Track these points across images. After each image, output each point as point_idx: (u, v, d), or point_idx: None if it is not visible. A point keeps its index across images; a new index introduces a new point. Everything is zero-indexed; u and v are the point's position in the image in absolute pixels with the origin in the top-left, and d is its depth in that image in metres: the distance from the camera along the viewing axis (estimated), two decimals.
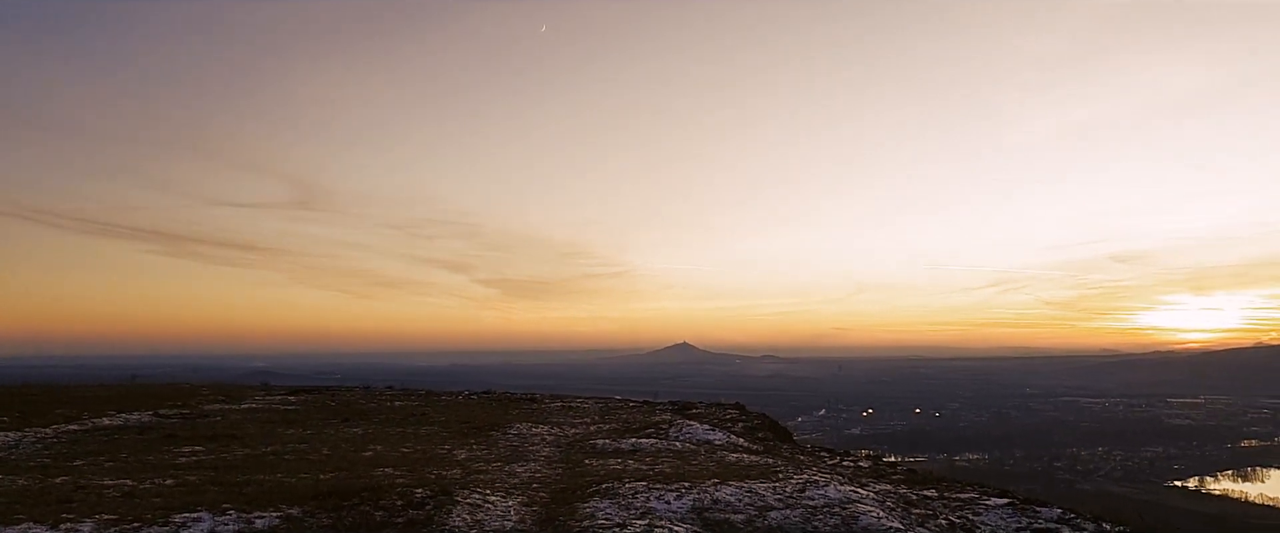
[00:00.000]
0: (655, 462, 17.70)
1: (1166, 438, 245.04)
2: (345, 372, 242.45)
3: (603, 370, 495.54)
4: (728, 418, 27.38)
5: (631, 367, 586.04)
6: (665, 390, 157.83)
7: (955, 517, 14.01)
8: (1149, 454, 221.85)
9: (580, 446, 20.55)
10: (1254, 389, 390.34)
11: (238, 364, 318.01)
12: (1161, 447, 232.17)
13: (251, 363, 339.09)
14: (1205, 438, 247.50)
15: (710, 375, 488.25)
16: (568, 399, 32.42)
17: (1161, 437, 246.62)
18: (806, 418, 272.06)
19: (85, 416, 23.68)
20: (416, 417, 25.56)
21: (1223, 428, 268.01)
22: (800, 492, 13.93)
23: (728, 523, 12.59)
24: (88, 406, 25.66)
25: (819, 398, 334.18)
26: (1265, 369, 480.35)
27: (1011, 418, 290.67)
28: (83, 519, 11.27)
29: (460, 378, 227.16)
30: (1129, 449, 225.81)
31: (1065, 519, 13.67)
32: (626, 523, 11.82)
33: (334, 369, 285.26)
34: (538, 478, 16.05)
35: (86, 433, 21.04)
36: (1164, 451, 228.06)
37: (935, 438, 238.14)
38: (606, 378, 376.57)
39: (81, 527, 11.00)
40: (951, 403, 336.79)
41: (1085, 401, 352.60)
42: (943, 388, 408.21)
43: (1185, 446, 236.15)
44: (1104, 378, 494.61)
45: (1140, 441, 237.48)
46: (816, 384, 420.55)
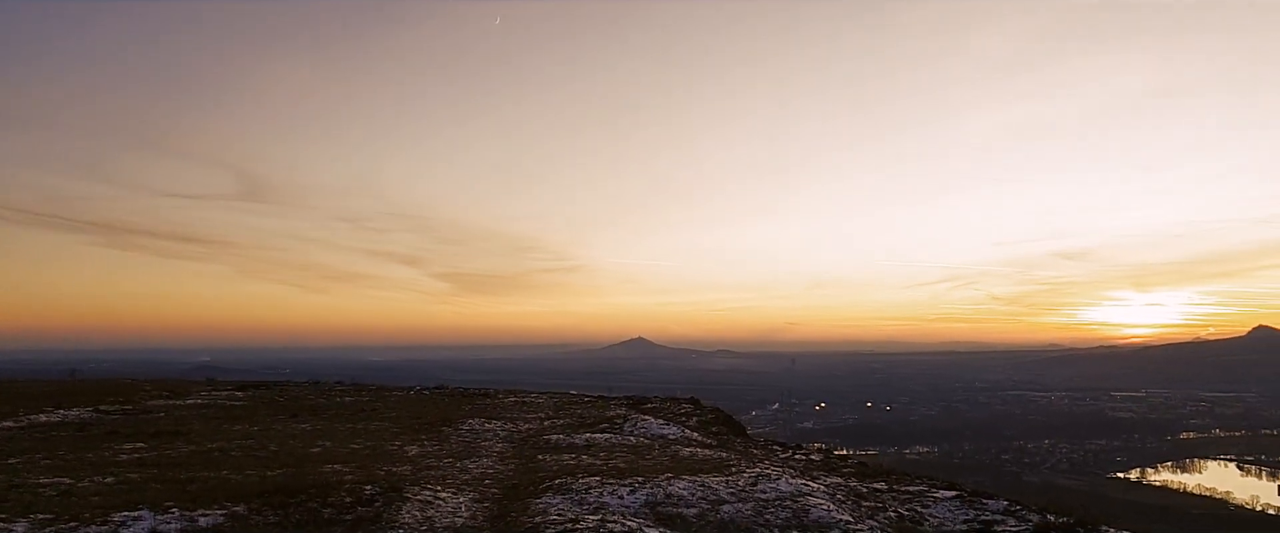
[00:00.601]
0: (609, 457, 17.68)
1: (1110, 431, 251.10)
2: (294, 367, 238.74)
3: (558, 366, 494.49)
4: (682, 412, 27.47)
5: (587, 362, 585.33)
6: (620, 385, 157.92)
7: (904, 509, 14.18)
8: (1093, 447, 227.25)
9: (534, 441, 20.46)
10: (1192, 383, 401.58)
11: (183, 359, 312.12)
12: (1105, 439, 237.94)
13: (197, 358, 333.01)
14: (1146, 431, 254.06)
15: (666, 370, 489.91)
16: (522, 394, 32.28)
17: (1105, 430, 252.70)
18: (761, 412, 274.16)
19: (21, 412, 23.02)
20: (367, 412, 25.27)
21: (1163, 421, 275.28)
22: (752, 486, 14.00)
23: (680, 517, 12.61)
24: (24, 402, 24.97)
25: (773, 392, 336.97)
26: (1203, 364, 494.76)
27: (961, 412, 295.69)
28: (16, 519, 10.93)
29: (412, 373, 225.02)
30: (1074, 442, 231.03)
31: (1011, 511, 13.89)
32: (579, 519, 11.78)
33: (283, 364, 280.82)
34: (490, 474, 15.93)
35: (23, 430, 20.46)
36: (1107, 443, 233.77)
37: (886, 431, 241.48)
38: (561, 373, 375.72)
39: (15, 527, 10.67)
40: (902, 397, 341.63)
41: (1032, 394, 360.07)
42: (894, 382, 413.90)
43: (1127, 438, 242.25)
44: (1050, 373, 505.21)
45: (1084, 433, 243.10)
46: (771, 379, 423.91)
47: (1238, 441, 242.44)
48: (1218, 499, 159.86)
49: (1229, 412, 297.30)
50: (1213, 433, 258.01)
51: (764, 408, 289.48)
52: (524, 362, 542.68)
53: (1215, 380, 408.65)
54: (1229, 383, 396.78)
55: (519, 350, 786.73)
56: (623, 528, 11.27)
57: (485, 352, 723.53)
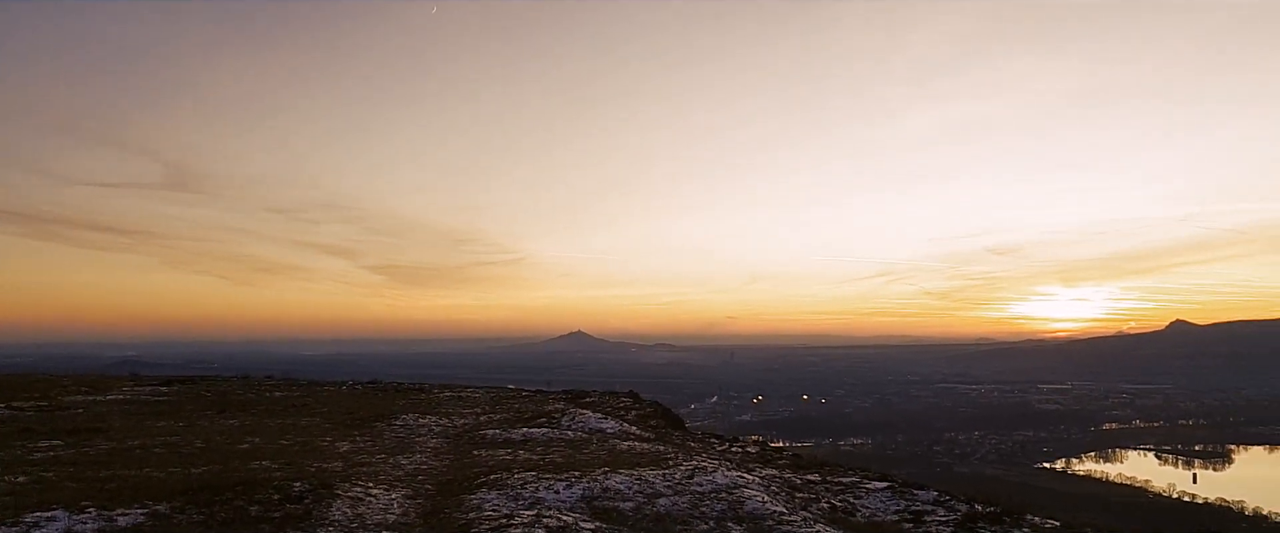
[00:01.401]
0: (546, 451, 17.57)
1: (1036, 422, 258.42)
2: (222, 361, 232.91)
3: (495, 360, 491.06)
4: (621, 406, 27.46)
5: (525, 356, 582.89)
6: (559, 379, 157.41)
7: (837, 500, 14.36)
8: (1020, 438, 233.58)
9: (469, 436, 20.24)
10: (1115, 375, 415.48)
11: (104, 353, 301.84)
12: (1032, 431, 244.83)
13: (119, 352, 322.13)
14: (1071, 422, 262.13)
15: (605, 364, 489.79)
16: (458, 389, 31.90)
17: (1032, 421, 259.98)
18: (699, 405, 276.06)
19: None
20: (297, 408, 24.71)
21: (1087, 412, 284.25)
22: (689, 478, 14.04)
23: (617, 511, 12.58)
24: None
25: (712, 385, 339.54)
26: (1125, 356, 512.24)
27: (894, 404, 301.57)
28: None
29: (345, 368, 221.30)
30: (1002, 433, 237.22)
31: (940, 501, 14.16)
32: (514, 514, 11.67)
33: (210, 358, 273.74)
34: (424, 470, 15.71)
35: None
36: (1034, 434, 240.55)
37: (822, 424, 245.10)
38: (499, 367, 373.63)
39: None
40: (838, 390, 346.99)
41: (963, 387, 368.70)
42: (830, 375, 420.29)
43: (1053, 429, 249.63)
44: (980, 365, 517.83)
45: (1012, 425, 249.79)
46: (709, 372, 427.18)
47: (1156, 431, 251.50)
48: (1137, 488, 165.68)
49: (1148, 403, 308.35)
50: (1133, 424, 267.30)
51: (703, 401, 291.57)
52: (461, 356, 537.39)
53: (1136, 373, 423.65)
54: (1148, 375, 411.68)
55: (456, 344, 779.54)
56: (558, 523, 11.19)
57: (421, 346, 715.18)
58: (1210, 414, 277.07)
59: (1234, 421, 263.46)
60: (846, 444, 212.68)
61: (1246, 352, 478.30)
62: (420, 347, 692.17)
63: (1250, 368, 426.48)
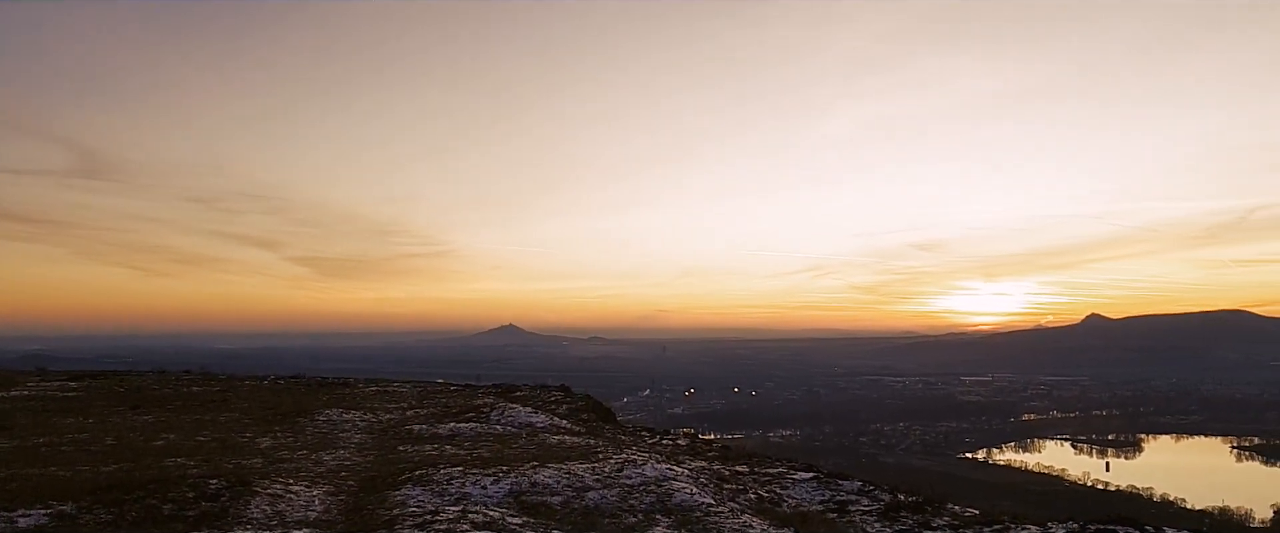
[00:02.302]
0: (474, 446, 17.36)
1: (959, 413, 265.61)
2: (137, 355, 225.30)
3: (423, 354, 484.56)
4: (552, 400, 27.29)
5: (454, 349, 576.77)
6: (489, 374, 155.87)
7: (764, 491, 14.47)
8: (944, 429, 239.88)
9: (395, 431, 19.88)
10: (1034, 368, 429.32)
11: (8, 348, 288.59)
12: (955, 421, 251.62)
13: (25, 346, 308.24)
14: (992, 413, 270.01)
15: (537, 358, 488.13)
16: (384, 384, 31.33)
17: (955, 412, 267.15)
18: (632, 399, 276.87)
19: None
20: (216, 403, 23.96)
21: (1007, 403, 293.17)
22: (618, 472, 14.00)
23: (545, 506, 12.47)
24: None
25: (644, 379, 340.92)
26: (1043, 349, 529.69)
27: (822, 396, 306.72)
28: None
29: (267, 362, 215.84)
30: (926, 424, 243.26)
31: (864, 491, 14.39)
32: (439, 510, 11.48)
33: (124, 353, 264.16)
34: (347, 466, 15.36)
35: None
36: (957, 425, 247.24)
37: (752, 416, 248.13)
38: (427, 361, 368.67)
39: None
40: (767, 382, 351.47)
41: (888, 379, 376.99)
42: (760, 368, 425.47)
43: (975, 420, 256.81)
44: (905, 358, 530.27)
45: (937, 416, 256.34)
46: (642, 365, 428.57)
47: (1072, 421, 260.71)
48: (1054, 476, 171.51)
49: (1065, 394, 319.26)
50: (1051, 414, 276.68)
51: (635, 395, 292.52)
52: (388, 350, 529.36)
53: (1053, 365, 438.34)
54: (1065, 367, 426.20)
55: (383, 338, 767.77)
56: (484, 519, 11.04)
57: (347, 339, 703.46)
58: (1122, 405, 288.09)
59: (1144, 411, 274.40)
60: (776, 436, 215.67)
61: (1156, 345, 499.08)
62: (346, 340, 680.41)
63: (1160, 360, 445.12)
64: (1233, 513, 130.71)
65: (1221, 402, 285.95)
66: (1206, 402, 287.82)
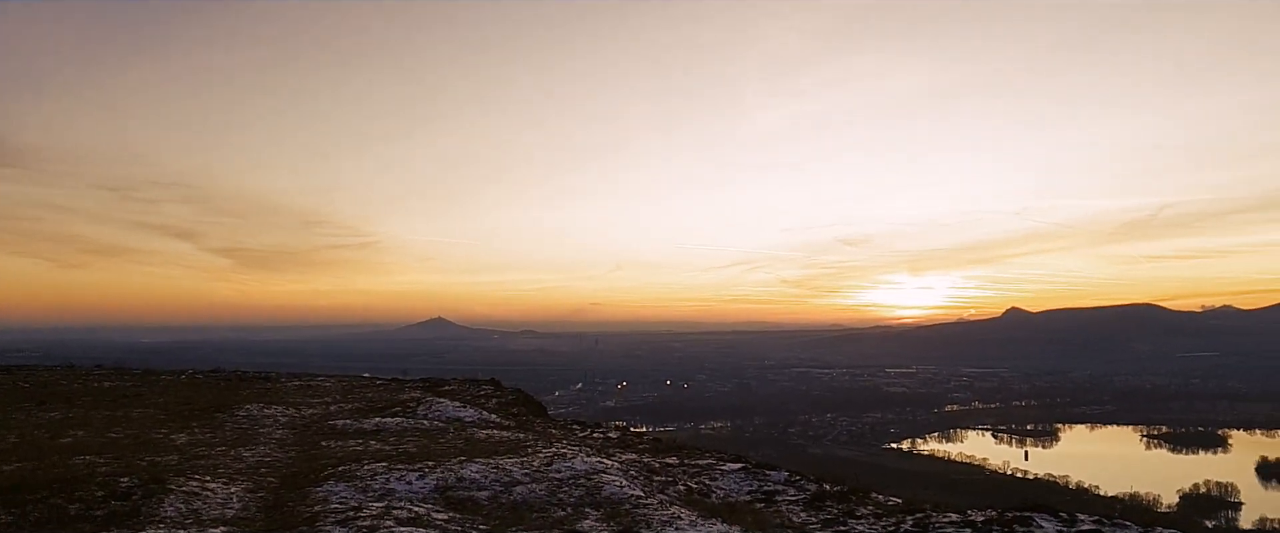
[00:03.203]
0: (400, 442, 17.05)
1: (885, 405, 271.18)
2: (45, 349, 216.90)
3: (349, 347, 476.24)
4: (482, 394, 27.00)
5: (381, 343, 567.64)
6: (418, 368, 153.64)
7: (694, 482, 14.52)
8: (870, 420, 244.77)
9: (318, 427, 19.43)
10: (956, 360, 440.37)
11: None
12: (881, 412, 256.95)
13: None
14: (916, 404, 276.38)
15: (467, 351, 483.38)
16: (308, 378, 30.62)
17: (880, 403, 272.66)
18: (564, 392, 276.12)
19: None
20: (129, 398, 23.10)
21: (931, 395, 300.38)
22: (548, 466, 13.89)
23: (472, 501, 12.30)
24: None
25: (576, 372, 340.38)
26: (966, 342, 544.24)
27: (752, 388, 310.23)
28: None
29: (186, 356, 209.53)
30: (853, 415, 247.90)
31: (791, 481, 14.55)
32: (363, 506, 11.23)
33: (31, 347, 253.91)
34: (267, 462, 14.95)
35: None
36: (882, 416, 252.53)
37: (684, 408, 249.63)
38: (353, 355, 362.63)
39: None
40: (699, 375, 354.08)
41: (817, 371, 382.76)
42: (691, 361, 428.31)
43: (900, 411, 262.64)
44: (833, 351, 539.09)
45: (863, 407, 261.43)
46: (574, 359, 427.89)
47: (993, 412, 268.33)
48: (976, 465, 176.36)
49: (986, 386, 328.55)
50: (972, 405, 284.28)
51: (567, 388, 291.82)
52: (313, 343, 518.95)
53: (975, 357, 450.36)
54: (986, 360, 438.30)
55: (307, 331, 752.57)
56: (409, 514, 10.85)
57: (269, 333, 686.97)
58: (1041, 396, 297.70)
59: (1061, 401, 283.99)
60: (707, 428, 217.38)
61: (1072, 338, 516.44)
62: (269, 334, 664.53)
63: (1076, 353, 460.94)
64: (1142, 499, 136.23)
65: (1133, 393, 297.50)
66: (1119, 393, 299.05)
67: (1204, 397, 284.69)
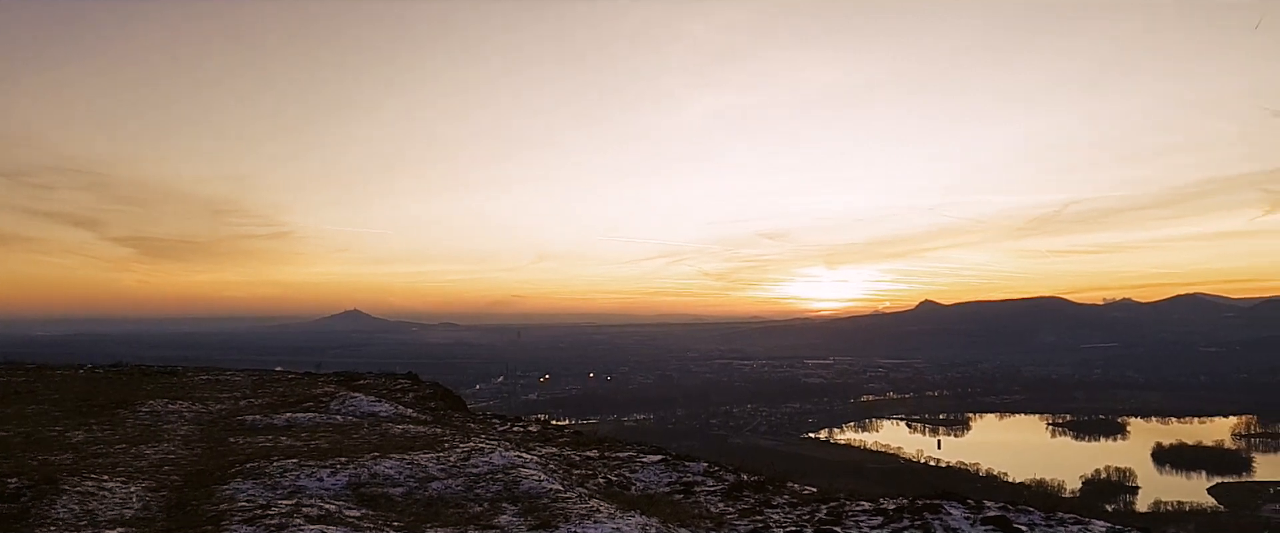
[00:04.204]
0: (312, 437, 16.57)
1: (803, 395, 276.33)
2: None
3: (261, 340, 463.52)
4: (398, 388, 26.45)
5: (295, 336, 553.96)
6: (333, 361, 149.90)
7: (614, 475, 14.49)
8: (789, 410, 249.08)
9: (226, 422, 18.76)
10: (872, 351, 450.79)
11: None
12: (799, 403, 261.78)
13: None
14: (834, 395, 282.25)
15: (385, 344, 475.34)
16: (216, 372, 29.54)
17: (799, 394, 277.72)
18: (485, 385, 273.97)
19: None
20: (22, 394, 21.92)
21: (847, 385, 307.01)
22: (465, 460, 13.68)
23: (386, 497, 12.03)
24: None
25: (498, 365, 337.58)
26: (881, 334, 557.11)
27: (675, 380, 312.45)
28: None
29: (85, 350, 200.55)
30: (773, 406, 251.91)
31: (710, 472, 14.64)
32: (271, 504, 10.88)
33: None
34: (171, 460, 14.37)
35: None
36: (801, 406, 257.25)
37: (607, 400, 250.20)
38: (265, 348, 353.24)
39: None
40: (623, 367, 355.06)
41: (738, 363, 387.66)
42: (615, 353, 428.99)
43: (818, 401, 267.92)
44: (753, 342, 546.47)
45: (783, 398, 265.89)
46: (496, 351, 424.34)
47: (907, 402, 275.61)
48: (891, 454, 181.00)
49: (901, 376, 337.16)
50: (887, 395, 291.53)
51: (488, 381, 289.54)
52: (222, 336, 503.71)
53: (890, 349, 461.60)
54: (901, 351, 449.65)
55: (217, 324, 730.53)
56: (319, 512, 10.54)
57: (176, 325, 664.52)
58: (953, 386, 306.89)
59: (972, 391, 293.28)
60: (630, 420, 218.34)
61: (983, 329, 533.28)
62: (176, 327, 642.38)
63: (987, 344, 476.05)
64: (1048, 485, 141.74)
65: (1040, 383, 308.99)
66: (1026, 383, 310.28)
67: (1105, 386, 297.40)
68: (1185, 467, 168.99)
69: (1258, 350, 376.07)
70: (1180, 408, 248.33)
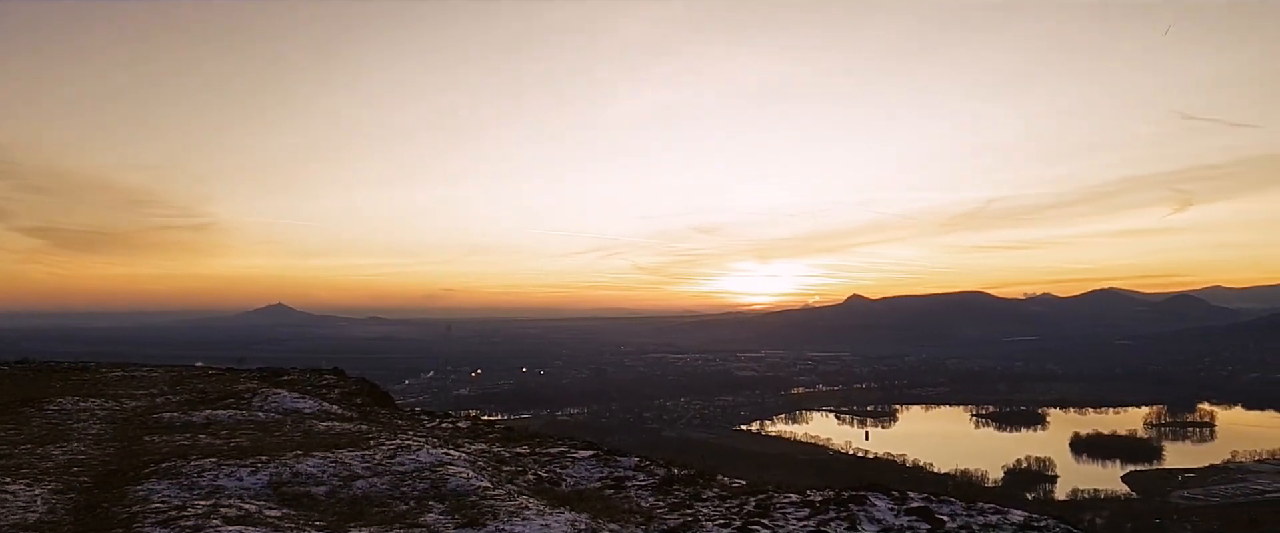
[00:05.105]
0: (232, 435, 16.09)
1: (735, 388, 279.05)
2: None
3: (182, 335, 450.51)
4: (324, 384, 25.89)
5: (217, 330, 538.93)
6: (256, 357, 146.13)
7: (544, 471, 14.38)
8: (721, 403, 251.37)
9: (142, 421, 18.10)
10: (803, 344, 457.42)
11: None
12: (732, 396, 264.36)
13: None
14: (765, 387, 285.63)
15: (310, 339, 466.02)
16: (132, 368, 28.52)
17: (731, 387, 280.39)
18: (415, 381, 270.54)
19: None
20: None
21: (778, 378, 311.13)
22: (390, 458, 13.43)
23: (308, 496, 11.73)
24: None
25: (428, 360, 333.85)
26: (811, 327, 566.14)
27: (609, 374, 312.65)
28: None
29: None
30: (706, 399, 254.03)
31: (641, 466, 14.64)
32: (187, 505, 10.52)
33: None
34: (81, 460, 13.80)
35: None
36: (733, 399, 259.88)
37: (540, 395, 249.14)
38: (186, 343, 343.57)
39: None
40: (556, 361, 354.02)
41: (671, 357, 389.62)
42: (548, 347, 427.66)
43: (750, 394, 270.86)
44: (686, 336, 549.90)
45: (715, 391, 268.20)
46: (426, 346, 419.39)
47: (836, 394, 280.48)
48: (820, 445, 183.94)
49: (830, 369, 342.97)
50: (817, 388, 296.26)
51: (418, 377, 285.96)
52: (141, 331, 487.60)
53: (820, 342, 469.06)
54: (830, 344, 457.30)
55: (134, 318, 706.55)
56: (238, 512, 10.23)
57: (90, 319, 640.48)
58: (880, 378, 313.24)
59: (899, 384, 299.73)
60: (564, 415, 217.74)
61: (909, 323, 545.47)
62: (89, 321, 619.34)
63: (913, 337, 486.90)
64: (972, 475, 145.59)
65: (964, 375, 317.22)
66: (951, 375, 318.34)
67: (1026, 378, 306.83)
68: (1101, 456, 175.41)
69: (1168, 343, 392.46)
70: (1097, 399, 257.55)
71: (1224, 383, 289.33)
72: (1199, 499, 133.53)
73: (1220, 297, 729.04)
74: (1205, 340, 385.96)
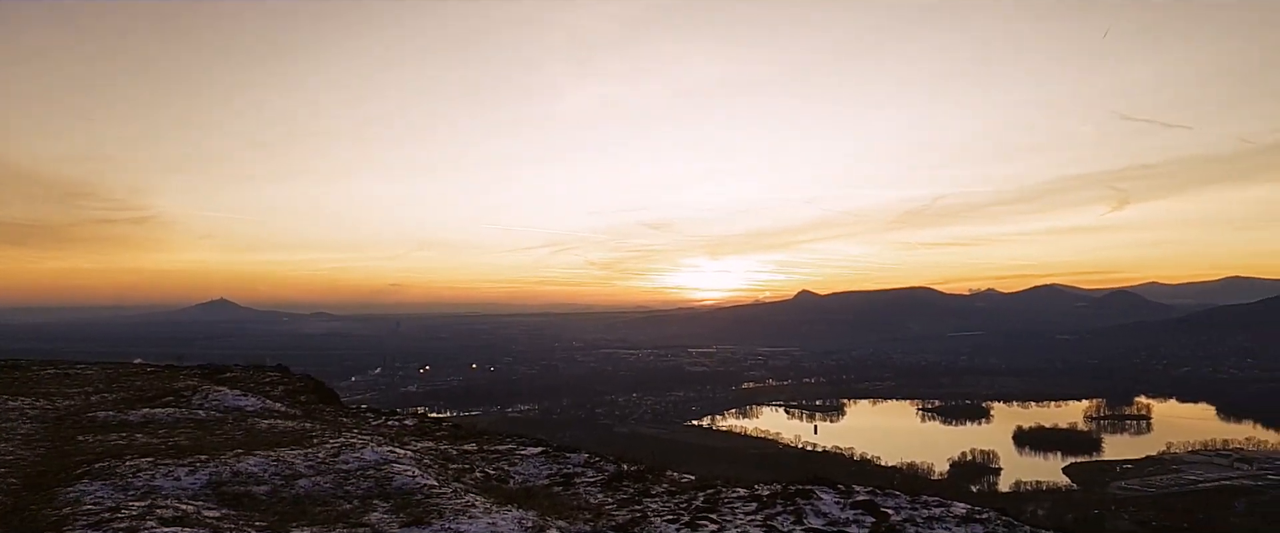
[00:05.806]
0: (170, 434, 15.69)
1: (687, 383, 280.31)
2: None
3: (119, 331, 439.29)
4: (267, 382, 25.41)
5: (156, 326, 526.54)
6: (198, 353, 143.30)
7: (492, 469, 14.25)
8: (673, 398, 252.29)
9: (75, 420, 17.57)
10: (753, 339, 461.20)
11: None
12: (683, 391, 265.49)
13: None
14: (716, 382, 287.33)
15: (254, 335, 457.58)
16: (65, 366, 27.71)
17: (683, 382, 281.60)
18: (361, 378, 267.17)
19: None
20: None
21: (729, 373, 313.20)
22: (334, 457, 13.18)
23: (249, 496, 11.46)
24: None
25: (376, 356, 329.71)
26: (761, 322, 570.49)
27: (560, 370, 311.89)
28: None
29: None
30: (658, 394, 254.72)
31: (590, 463, 14.58)
32: (122, 506, 10.19)
33: None
34: (9, 461, 13.34)
35: None
36: (684, 394, 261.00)
37: (490, 392, 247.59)
38: (123, 339, 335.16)
39: None
40: (506, 357, 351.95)
41: (623, 352, 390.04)
42: (498, 343, 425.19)
43: (701, 389, 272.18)
44: (638, 331, 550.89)
45: (666, 386, 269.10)
46: (373, 342, 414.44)
47: (785, 389, 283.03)
48: (770, 440, 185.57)
49: (780, 364, 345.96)
50: (767, 383, 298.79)
51: (365, 373, 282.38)
52: (75, 327, 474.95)
53: (769, 337, 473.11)
54: (780, 339, 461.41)
55: (69, 314, 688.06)
56: (175, 513, 9.94)
57: (21, 315, 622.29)
58: (829, 373, 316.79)
59: (847, 378, 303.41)
60: (515, 411, 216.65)
61: (857, 319, 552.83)
62: (21, 317, 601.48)
63: (861, 332, 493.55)
64: (918, 468, 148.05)
65: (910, 369, 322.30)
66: (898, 370, 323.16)
67: (970, 372, 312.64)
68: (1043, 448, 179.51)
69: (1106, 338, 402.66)
70: (1039, 393, 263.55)
71: (1159, 376, 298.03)
72: (1136, 490, 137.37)
73: (1156, 292, 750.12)
74: (1142, 335, 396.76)
